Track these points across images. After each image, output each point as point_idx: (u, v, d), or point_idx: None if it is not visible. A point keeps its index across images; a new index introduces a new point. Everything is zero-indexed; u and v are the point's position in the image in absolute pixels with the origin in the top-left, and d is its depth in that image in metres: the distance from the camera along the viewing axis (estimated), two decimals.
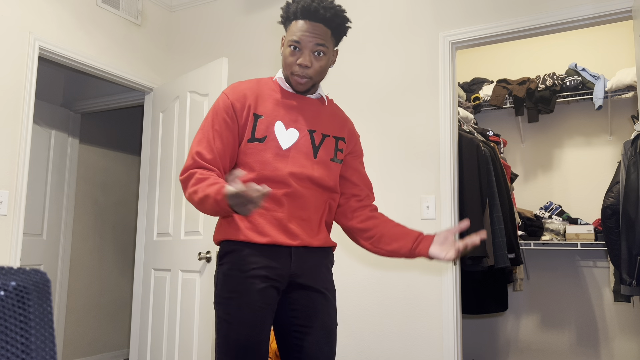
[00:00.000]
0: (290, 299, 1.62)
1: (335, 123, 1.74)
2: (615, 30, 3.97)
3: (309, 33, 1.59)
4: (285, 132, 1.63)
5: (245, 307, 1.52)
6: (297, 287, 1.62)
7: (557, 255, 3.97)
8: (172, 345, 3.20)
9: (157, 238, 3.49)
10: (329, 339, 1.64)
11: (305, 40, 1.59)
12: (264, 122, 1.61)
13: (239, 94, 1.64)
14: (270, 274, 1.56)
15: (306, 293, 1.62)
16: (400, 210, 2.98)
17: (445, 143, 2.91)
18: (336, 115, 1.77)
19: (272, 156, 1.59)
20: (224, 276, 1.57)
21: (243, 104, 1.62)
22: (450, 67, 2.97)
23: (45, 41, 3.06)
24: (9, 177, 2.86)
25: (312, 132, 1.66)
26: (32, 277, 0.60)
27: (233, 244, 1.58)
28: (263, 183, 1.58)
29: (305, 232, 1.62)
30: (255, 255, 1.56)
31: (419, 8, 3.10)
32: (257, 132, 1.60)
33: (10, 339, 0.56)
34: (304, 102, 1.69)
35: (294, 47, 1.60)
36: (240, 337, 1.51)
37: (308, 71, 1.61)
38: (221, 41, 3.74)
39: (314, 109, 1.70)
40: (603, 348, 3.77)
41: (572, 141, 4.05)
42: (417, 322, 2.87)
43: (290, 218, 1.59)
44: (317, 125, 1.68)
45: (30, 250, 4.27)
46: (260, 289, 1.54)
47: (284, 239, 1.57)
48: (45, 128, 4.46)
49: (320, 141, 1.67)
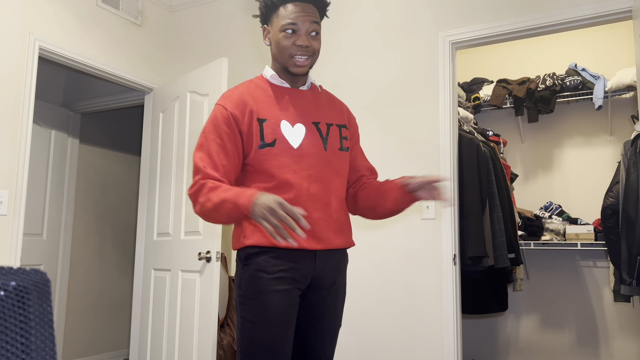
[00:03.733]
0: (304, 297, 1.62)
1: (334, 111, 1.73)
2: (615, 30, 3.97)
3: (304, 13, 1.57)
4: (292, 129, 1.60)
5: (271, 308, 1.51)
6: (315, 287, 1.62)
7: (557, 255, 3.97)
8: (172, 345, 3.20)
9: (157, 238, 3.49)
10: (332, 340, 1.65)
11: (300, 21, 1.56)
12: (269, 125, 1.57)
13: (236, 102, 1.59)
14: (295, 275, 1.55)
15: (319, 293, 1.62)
16: None
17: (445, 143, 2.91)
18: (333, 102, 1.75)
19: (287, 158, 1.56)
20: (249, 277, 1.54)
21: (243, 111, 1.58)
22: (450, 67, 2.97)
23: (45, 41, 3.06)
24: (9, 177, 2.86)
25: (317, 124, 1.64)
26: (32, 277, 0.60)
27: (258, 248, 1.56)
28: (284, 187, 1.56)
29: (330, 232, 1.61)
30: (281, 257, 1.54)
31: (419, 8, 3.10)
32: (266, 136, 1.56)
33: (10, 339, 0.56)
34: (299, 95, 1.67)
35: (290, 30, 1.57)
36: (266, 339, 1.50)
37: (308, 50, 1.58)
38: (221, 41, 3.74)
39: (311, 99, 1.68)
40: (603, 348, 3.77)
41: (572, 141, 4.05)
42: (417, 322, 2.87)
43: (316, 219, 1.58)
44: (319, 115, 1.66)
45: (30, 250, 4.27)
46: (286, 290, 1.53)
47: (309, 243, 1.56)
48: (45, 128, 4.46)
49: (326, 132, 1.65)
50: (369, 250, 3.04)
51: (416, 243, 2.92)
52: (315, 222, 1.58)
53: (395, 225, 2.99)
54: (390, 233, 2.99)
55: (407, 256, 2.93)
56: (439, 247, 2.85)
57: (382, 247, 3.01)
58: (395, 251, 2.97)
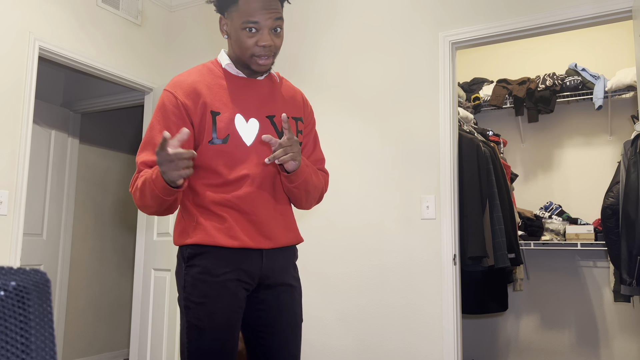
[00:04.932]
0: (257, 299, 1.56)
1: (290, 102, 1.64)
2: (615, 30, 3.97)
3: (266, 10, 1.45)
4: (246, 125, 1.51)
5: (218, 313, 1.45)
6: (264, 286, 1.56)
7: (557, 255, 3.97)
8: (172, 345, 3.20)
9: (157, 238, 3.49)
10: (295, 338, 1.59)
11: (263, 18, 1.45)
12: (223, 119, 1.48)
13: (188, 90, 1.49)
14: (241, 276, 1.49)
15: (272, 292, 1.56)
16: (400, 210, 2.98)
17: (445, 143, 2.91)
18: (289, 92, 1.66)
19: (239, 156, 1.49)
20: (193, 279, 1.47)
21: (195, 101, 1.48)
22: (450, 67, 2.97)
23: (45, 41, 3.06)
24: (9, 177, 2.86)
25: (271, 118, 1.56)
26: (32, 277, 0.60)
27: (202, 247, 1.49)
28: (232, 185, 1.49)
29: (277, 230, 1.55)
30: (226, 258, 1.48)
31: (418, 8, 3.10)
32: (219, 132, 1.47)
33: (10, 339, 0.56)
34: (256, 85, 1.57)
35: (251, 28, 1.46)
36: (214, 344, 1.44)
37: (271, 49, 1.49)
38: (221, 41, 3.74)
39: (267, 90, 1.59)
40: (603, 348, 3.77)
41: (572, 141, 4.05)
42: (417, 322, 2.87)
43: (262, 218, 1.52)
44: (275, 108, 1.58)
45: (30, 250, 4.27)
46: (233, 294, 1.47)
47: (255, 242, 1.50)
48: (45, 128, 4.46)
49: (281, 126, 1.57)
50: (369, 250, 3.04)
51: (416, 243, 2.92)
52: (264, 221, 1.51)
53: (395, 225, 2.99)
54: (390, 233, 2.99)
55: (407, 256, 2.93)
56: (439, 247, 2.85)
57: (382, 247, 3.01)
58: (395, 251, 2.97)
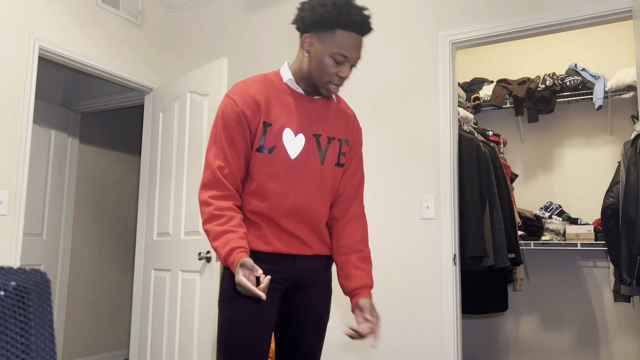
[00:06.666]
0: (287, 296, 1.65)
1: (341, 123, 1.70)
2: (615, 30, 3.97)
3: (356, 49, 1.53)
4: (294, 139, 1.59)
5: (249, 306, 1.54)
6: (296, 287, 1.65)
7: (557, 255, 3.97)
8: (172, 345, 3.20)
9: (157, 238, 3.49)
10: (319, 337, 1.69)
11: (352, 54, 1.53)
12: (272, 130, 1.56)
13: (249, 101, 1.56)
14: (275, 276, 1.58)
15: (303, 291, 1.66)
16: (400, 210, 2.98)
17: (445, 143, 2.91)
18: (341, 113, 1.72)
19: (281, 168, 1.56)
20: (230, 276, 1.57)
21: (255, 111, 1.56)
22: (450, 67, 2.97)
23: (45, 41, 3.06)
24: (9, 177, 2.86)
25: (317, 137, 1.63)
26: (32, 277, 0.60)
27: None
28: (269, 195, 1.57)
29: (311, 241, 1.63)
30: (261, 260, 1.57)
31: (419, 8, 3.10)
32: (267, 142, 1.56)
33: (10, 339, 0.56)
34: (311, 103, 1.65)
35: (339, 61, 1.53)
36: (242, 334, 1.53)
37: (343, 81, 1.58)
38: (221, 41, 3.74)
39: (320, 109, 1.66)
40: (603, 348, 3.77)
41: (572, 141, 4.05)
42: (417, 322, 2.87)
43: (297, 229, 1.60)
44: (324, 127, 1.64)
45: (30, 250, 4.27)
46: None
47: (289, 248, 1.59)
48: (45, 128, 4.46)
49: (326, 145, 1.64)
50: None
51: (416, 243, 2.92)
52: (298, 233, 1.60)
53: (395, 225, 2.99)
54: (390, 233, 2.99)
55: (407, 256, 2.93)
56: (439, 247, 2.85)
57: (382, 247, 3.01)
58: (395, 251, 2.97)
